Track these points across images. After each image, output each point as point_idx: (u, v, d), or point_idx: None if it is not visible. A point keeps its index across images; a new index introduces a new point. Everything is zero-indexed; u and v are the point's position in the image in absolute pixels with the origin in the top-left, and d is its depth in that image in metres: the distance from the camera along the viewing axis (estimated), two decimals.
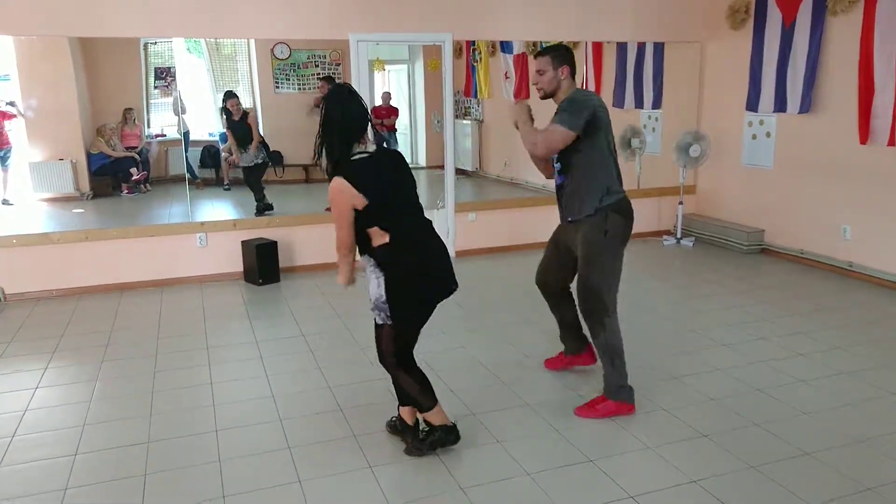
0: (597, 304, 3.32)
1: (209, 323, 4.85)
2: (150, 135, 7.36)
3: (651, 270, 6.17)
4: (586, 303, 3.36)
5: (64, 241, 5.50)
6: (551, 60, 3.26)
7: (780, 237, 6.49)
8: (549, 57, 3.27)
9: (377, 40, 6.12)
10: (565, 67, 3.28)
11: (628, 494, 2.74)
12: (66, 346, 4.45)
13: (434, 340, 4.41)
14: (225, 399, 3.65)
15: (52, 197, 6.65)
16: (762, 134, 6.53)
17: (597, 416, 3.36)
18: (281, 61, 7.56)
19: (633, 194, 7.05)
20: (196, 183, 6.98)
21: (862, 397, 3.58)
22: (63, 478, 2.92)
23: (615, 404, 3.38)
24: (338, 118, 2.71)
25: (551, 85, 3.29)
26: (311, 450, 3.11)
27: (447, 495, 2.75)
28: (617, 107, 7.58)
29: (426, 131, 8.80)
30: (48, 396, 3.73)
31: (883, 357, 4.09)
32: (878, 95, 5.36)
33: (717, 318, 4.81)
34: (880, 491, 2.74)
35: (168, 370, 4.04)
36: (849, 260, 5.81)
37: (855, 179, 5.70)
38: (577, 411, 3.40)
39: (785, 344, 4.31)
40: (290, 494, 2.78)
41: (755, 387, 3.70)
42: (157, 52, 7.05)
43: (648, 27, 6.80)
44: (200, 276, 5.87)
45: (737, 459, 2.98)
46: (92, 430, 3.33)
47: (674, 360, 4.08)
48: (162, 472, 2.96)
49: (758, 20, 6.38)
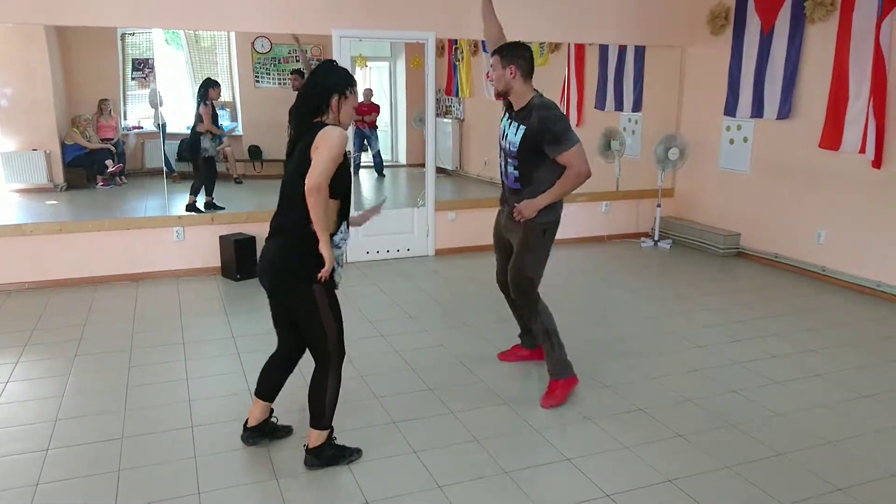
0: (531, 291, 3.51)
1: (185, 318, 4.80)
2: (126, 127, 7.26)
3: (628, 272, 6.22)
4: (522, 290, 3.53)
5: (37, 233, 5.40)
6: (500, 60, 3.32)
7: (755, 241, 6.59)
8: (497, 56, 3.34)
9: (360, 36, 6.10)
10: (512, 67, 3.31)
11: (605, 493, 2.76)
12: (39, 340, 4.37)
13: (413, 338, 4.41)
14: (201, 395, 3.61)
15: (25, 188, 6.54)
16: (739, 139, 6.61)
17: (560, 401, 3.50)
18: (261, 55, 7.50)
19: (611, 196, 7.25)
20: (173, 176, 6.89)
21: (834, 399, 3.64)
22: (34, 473, 2.86)
23: (565, 381, 3.55)
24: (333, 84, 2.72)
25: (500, 83, 3.35)
26: (287, 446, 3.08)
27: (427, 493, 2.75)
28: (598, 109, 7.64)
29: (407, 129, 8.79)
30: (19, 391, 3.66)
31: (855, 359, 4.17)
32: (851, 103, 5.46)
33: (693, 319, 4.87)
34: (851, 491, 2.79)
35: (143, 365, 3.98)
36: (822, 264, 5.91)
37: (829, 185, 5.80)
38: (543, 404, 3.50)
39: (759, 346, 4.37)
40: (267, 491, 2.76)
41: (730, 388, 3.75)
42: (134, 43, 6.96)
43: (630, 31, 6.85)
44: (177, 270, 5.80)
45: (712, 459, 3.02)
46: (64, 425, 3.27)
47: (650, 360, 4.12)
48: (136, 468, 2.91)
49: (737, 26, 6.46)
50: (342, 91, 2.72)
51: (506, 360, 4.05)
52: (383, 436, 3.20)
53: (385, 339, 4.42)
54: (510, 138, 3.40)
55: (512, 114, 3.44)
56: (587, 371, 3.92)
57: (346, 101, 2.74)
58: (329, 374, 2.82)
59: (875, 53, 5.20)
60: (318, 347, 2.82)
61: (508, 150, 3.43)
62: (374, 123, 8.41)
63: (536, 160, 3.34)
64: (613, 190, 7.29)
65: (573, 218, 7.14)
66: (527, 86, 3.35)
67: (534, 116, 3.29)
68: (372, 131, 8.41)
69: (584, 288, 5.75)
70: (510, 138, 3.40)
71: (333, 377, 2.83)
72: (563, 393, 3.52)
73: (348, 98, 2.75)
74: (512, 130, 3.39)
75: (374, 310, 4.96)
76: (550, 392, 3.53)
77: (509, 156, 3.43)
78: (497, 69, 3.33)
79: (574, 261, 6.52)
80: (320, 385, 2.83)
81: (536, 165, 3.35)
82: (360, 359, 3.99)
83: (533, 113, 3.31)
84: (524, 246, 3.47)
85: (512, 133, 3.39)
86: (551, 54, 7.55)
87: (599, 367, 4.00)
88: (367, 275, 5.91)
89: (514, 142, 3.37)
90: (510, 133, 3.41)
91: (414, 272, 6.05)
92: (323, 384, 2.83)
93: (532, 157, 3.34)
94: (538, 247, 3.48)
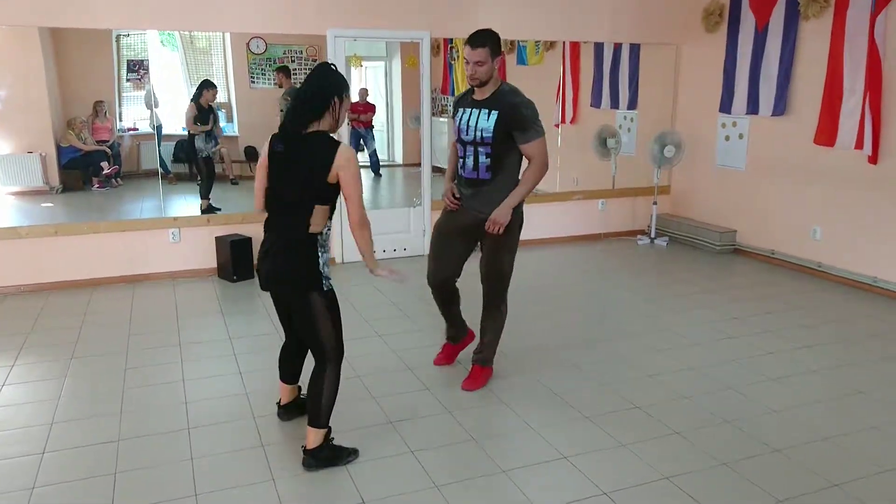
0: (506, 286, 3.60)
1: (182, 319, 4.79)
2: (121, 128, 7.24)
3: (625, 269, 6.22)
4: (499, 286, 3.59)
5: (33, 236, 5.39)
6: (490, 52, 3.27)
7: (751, 237, 6.59)
8: (487, 49, 3.27)
9: (355, 36, 6.09)
10: (499, 58, 3.33)
11: (602, 491, 2.76)
12: (35, 343, 4.36)
13: (410, 338, 4.41)
14: (198, 396, 3.61)
15: (21, 190, 6.51)
16: (735, 135, 6.62)
17: (482, 384, 3.69)
18: (256, 56, 7.48)
19: (608, 194, 7.25)
20: (169, 178, 6.88)
21: (830, 395, 3.65)
22: (30, 476, 2.86)
23: (490, 370, 3.77)
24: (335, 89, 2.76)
25: (488, 75, 3.32)
26: (285, 447, 3.08)
27: (424, 492, 2.75)
28: (594, 107, 7.64)
29: (403, 129, 8.78)
30: (15, 394, 3.65)
31: (850, 355, 4.18)
32: (846, 99, 5.47)
33: (690, 316, 4.87)
34: (847, 487, 2.79)
35: (139, 367, 3.98)
36: (818, 260, 5.92)
37: (825, 181, 5.81)
38: (465, 386, 3.66)
39: (755, 342, 4.37)
40: (264, 493, 2.76)
41: (726, 384, 3.75)
42: (129, 45, 6.93)
43: (625, 28, 6.86)
44: (173, 271, 5.80)
45: (708, 456, 3.02)
46: (61, 428, 3.27)
47: (647, 358, 4.12)
48: (133, 470, 2.91)
49: (732, 24, 6.47)
50: (341, 94, 2.76)
51: (445, 362, 4.01)
52: (380, 436, 3.20)
53: (382, 338, 4.42)
54: (481, 125, 3.34)
55: (474, 101, 3.41)
56: (583, 369, 3.93)
57: (344, 104, 2.78)
58: (326, 374, 2.84)
59: (870, 49, 5.21)
60: (316, 348, 2.85)
61: (479, 139, 3.37)
62: (370, 123, 8.40)
63: (510, 145, 3.34)
64: (610, 188, 7.30)
65: (570, 216, 7.16)
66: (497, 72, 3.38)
67: (506, 101, 3.30)
68: (368, 131, 8.40)
69: (580, 286, 5.75)
70: (481, 125, 3.34)
71: (331, 376, 2.84)
72: (486, 379, 3.73)
73: (345, 101, 2.78)
74: (482, 117, 3.34)
75: (371, 310, 4.96)
76: (475, 377, 3.70)
77: (480, 144, 3.37)
78: (486, 62, 3.27)
79: (571, 259, 6.53)
80: (318, 384, 2.84)
81: (508, 151, 3.36)
82: (356, 359, 3.99)
83: (504, 98, 3.31)
84: (504, 246, 3.49)
85: (483, 120, 3.34)
86: (547, 52, 7.55)
87: (596, 365, 4.01)
88: (363, 275, 5.89)
89: (486, 128, 3.33)
90: (479, 121, 3.35)
91: (410, 272, 6.02)
92: (320, 383, 2.84)
93: (506, 141, 3.33)
94: (515, 242, 3.53)
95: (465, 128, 3.43)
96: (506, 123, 3.30)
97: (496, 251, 3.51)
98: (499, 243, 3.47)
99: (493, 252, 3.52)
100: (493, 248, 3.51)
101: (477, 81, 3.33)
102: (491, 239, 3.46)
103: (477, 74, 3.30)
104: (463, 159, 3.48)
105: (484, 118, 3.34)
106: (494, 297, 3.63)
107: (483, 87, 3.36)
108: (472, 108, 3.40)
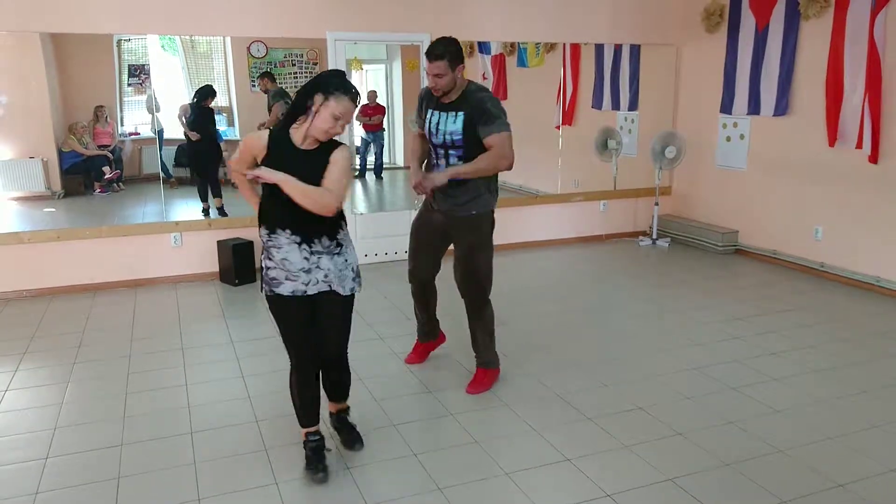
0: (487, 285, 3.57)
1: (184, 324, 4.80)
2: (123, 133, 7.25)
3: (627, 270, 6.22)
4: (479, 286, 3.55)
5: (35, 241, 5.40)
6: (448, 64, 3.21)
7: (753, 238, 6.59)
8: (445, 62, 3.20)
9: (355, 39, 6.10)
10: (459, 66, 3.27)
11: (605, 493, 2.76)
12: (38, 348, 4.37)
13: (412, 340, 4.40)
14: (200, 401, 3.61)
15: (23, 196, 6.52)
16: (736, 136, 6.62)
17: (486, 388, 3.65)
18: (257, 59, 7.50)
19: (609, 195, 7.24)
20: (170, 182, 6.89)
21: (833, 395, 3.64)
22: (34, 481, 2.86)
23: (494, 372, 3.73)
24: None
25: (450, 85, 3.28)
26: (288, 451, 3.08)
27: (427, 495, 2.75)
28: (594, 108, 7.64)
29: (404, 131, 8.78)
30: (18, 399, 3.66)
31: (853, 355, 4.17)
32: (846, 98, 5.47)
33: (692, 317, 4.87)
34: (851, 487, 2.79)
35: (142, 372, 3.98)
36: (821, 260, 5.91)
37: (827, 181, 5.81)
38: (471, 390, 3.63)
39: (758, 343, 4.37)
40: (267, 496, 2.76)
41: (729, 385, 3.74)
42: (130, 49, 6.94)
43: (625, 29, 6.86)
44: (175, 276, 5.80)
45: (712, 457, 3.02)
46: (64, 433, 3.27)
47: (649, 358, 4.12)
48: (136, 475, 2.91)
49: (732, 24, 6.47)
50: (326, 90, 2.55)
51: (418, 360, 4.05)
52: (383, 438, 3.19)
53: (384, 341, 4.42)
54: (449, 128, 3.33)
55: (441, 104, 3.37)
56: (586, 371, 3.93)
57: (327, 103, 2.55)
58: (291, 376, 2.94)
59: (870, 48, 5.20)
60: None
61: (449, 142, 3.35)
62: (380, 125, 8.39)
63: (481, 145, 3.30)
64: (611, 189, 7.29)
65: (571, 217, 7.15)
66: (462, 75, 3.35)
67: (471, 99, 3.29)
68: (377, 136, 8.41)
69: (582, 287, 5.75)
70: (449, 128, 3.33)
71: (291, 379, 2.94)
72: (490, 382, 3.69)
73: (330, 101, 2.55)
74: (449, 120, 3.33)
75: (373, 312, 4.96)
76: (479, 380, 3.67)
77: (451, 147, 3.36)
78: (445, 73, 3.22)
79: (572, 260, 6.52)
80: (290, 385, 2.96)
81: (479, 153, 3.31)
82: (358, 361, 3.98)
83: (470, 97, 3.30)
84: (478, 244, 3.47)
85: (450, 122, 3.32)
86: (547, 54, 7.55)
87: (598, 366, 4.01)
88: (364, 277, 5.87)
89: (455, 130, 3.32)
90: (448, 124, 3.34)
91: None
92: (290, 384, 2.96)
93: (478, 143, 3.30)
94: (489, 240, 3.51)
95: (434, 131, 3.40)
96: (472, 120, 3.28)
97: (469, 252, 3.48)
98: (471, 244, 3.46)
99: (466, 253, 3.49)
100: (465, 250, 3.49)
101: (439, 93, 3.31)
102: (463, 240, 3.46)
103: (438, 86, 3.27)
104: (436, 162, 3.47)
105: (451, 121, 3.33)
106: (475, 299, 3.58)
107: (454, 91, 3.33)
108: (440, 112, 3.38)
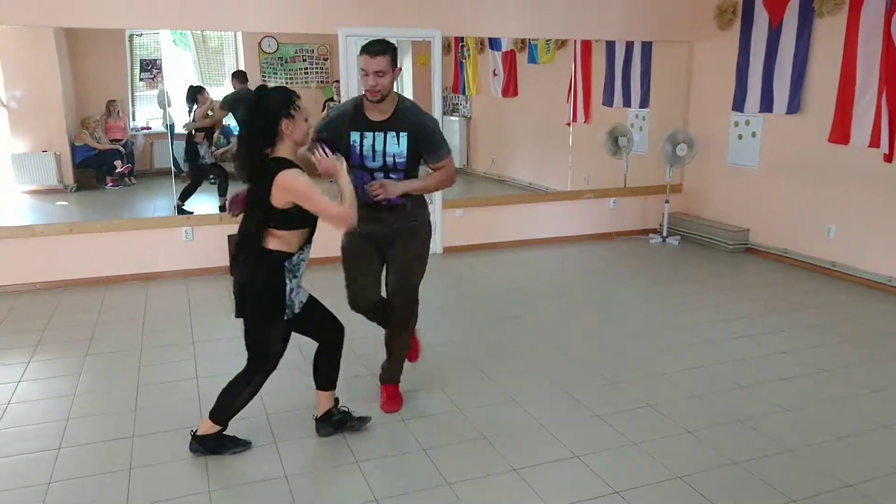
0: (416, 299, 3.35)
1: (195, 317, 4.82)
2: (135, 127, 7.30)
3: (636, 268, 6.20)
4: (413, 299, 3.34)
5: (47, 234, 5.44)
6: (391, 61, 2.95)
7: (764, 236, 6.56)
8: (388, 57, 2.94)
9: (366, 35, 6.09)
10: (398, 69, 3.03)
11: (614, 490, 2.76)
12: (50, 340, 4.41)
13: (421, 335, 4.40)
14: (211, 394, 3.59)
15: (36, 189, 6.59)
16: (748, 134, 6.58)
17: (399, 405, 3.46)
18: (268, 55, 7.52)
19: (619, 193, 7.23)
20: (181, 176, 6.93)
21: (843, 394, 3.63)
22: (47, 472, 2.89)
23: (397, 386, 3.53)
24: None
25: (389, 88, 3.00)
26: (298, 444, 3.10)
27: (436, 490, 2.76)
28: (605, 105, 7.62)
29: None
30: (31, 390, 3.69)
31: (864, 355, 4.15)
32: (859, 97, 5.43)
33: (702, 315, 4.85)
34: (861, 487, 2.78)
35: (153, 364, 4.01)
36: (832, 260, 5.87)
37: (839, 180, 5.77)
38: (386, 408, 3.42)
39: (767, 341, 4.35)
40: (277, 488, 2.78)
41: (738, 384, 3.73)
42: (142, 44, 6.99)
43: (636, 26, 6.83)
44: (186, 269, 5.83)
45: (720, 455, 3.01)
46: (76, 424, 3.30)
47: (658, 356, 4.11)
48: (147, 466, 2.94)
49: (745, 21, 6.42)
50: (287, 113, 2.65)
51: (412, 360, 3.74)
52: (392, 433, 3.21)
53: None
54: (391, 150, 3.06)
55: (373, 123, 3.06)
56: (595, 368, 3.93)
57: (295, 120, 2.67)
58: (250, 381, 2.93)
59: (885, 47, 5.16)
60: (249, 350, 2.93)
61: (392, 165, 3.09)
62: None
63: (417, 164, 3.16)
64: (621, 186, 7.27)
65: (581, 215, 7.14)
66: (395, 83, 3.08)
67: (411, 120, 3.06)
68: None
69: (592, 285, 5.74)
70: (391, 150, 3.06)
71: (251, 386, 2.94)
72: (400, 396, 3.51)
73: (295, 117, 2.67)
74: (391, 141, 3.05)
75: None
76: (392, 398, 3.47)
77: (392, 170, 3.09)
78: (387, 72, 2.94)
79: (582, 257, 6.52)
80: (238, 386, 2.94)
81: (416, 171, 3.17)
82: (367, 356, 4.00)
83: (409, 117, 3.07)
84: (416, 254, 3.27)
85: (393, 145, 3.05)
86: (558, 51, 7.54)
87: (607, 363, 4.00)
88: None
89: (399, 153, 3.06)
90: (389, 145, 3.06)
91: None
92: (241, 387, 2.94)
93: (416, 163, 3.13)
94: (425, 251, 3.31)
95: (369, 154, 3.08)
96: (416, 143, 3.07)
97: (407, 262, 3.24)
98: (409, 253, 3.23)
99: (403, 264, 3.24)
100: (402, 260, 3.24)
101: (378, 95, 2.96)
102: (406, 250, 3.23)
103: (378, 87, 2.93)
104: (363, 187, 3.07)
105: (393, 142, 3.06)
106: (405, 310, 3.32)
107: (381, 104, 3.02)
108: (375, 132, 3.06)
